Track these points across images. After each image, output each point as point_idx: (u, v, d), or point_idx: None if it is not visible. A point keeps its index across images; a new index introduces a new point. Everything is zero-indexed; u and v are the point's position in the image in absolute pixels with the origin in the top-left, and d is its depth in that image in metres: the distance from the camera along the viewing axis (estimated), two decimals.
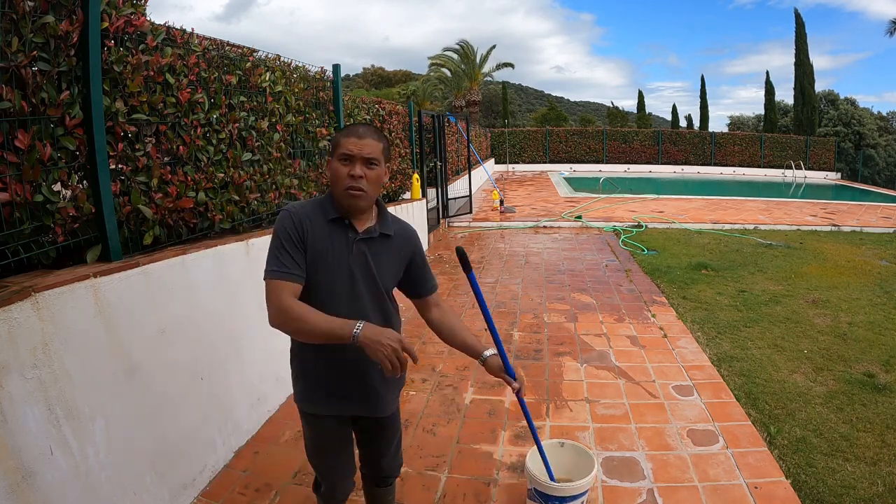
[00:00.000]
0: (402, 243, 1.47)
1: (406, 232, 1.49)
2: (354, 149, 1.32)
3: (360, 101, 4.87)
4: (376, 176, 1.35)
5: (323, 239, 1.36)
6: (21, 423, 1.42)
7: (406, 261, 1.49)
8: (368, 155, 1.33)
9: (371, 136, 1.35)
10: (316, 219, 1.37)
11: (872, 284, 5.20)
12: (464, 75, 26.77)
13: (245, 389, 2.56)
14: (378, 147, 1.35)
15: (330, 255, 1.36)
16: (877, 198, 13.88)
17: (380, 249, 1.41)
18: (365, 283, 1.39)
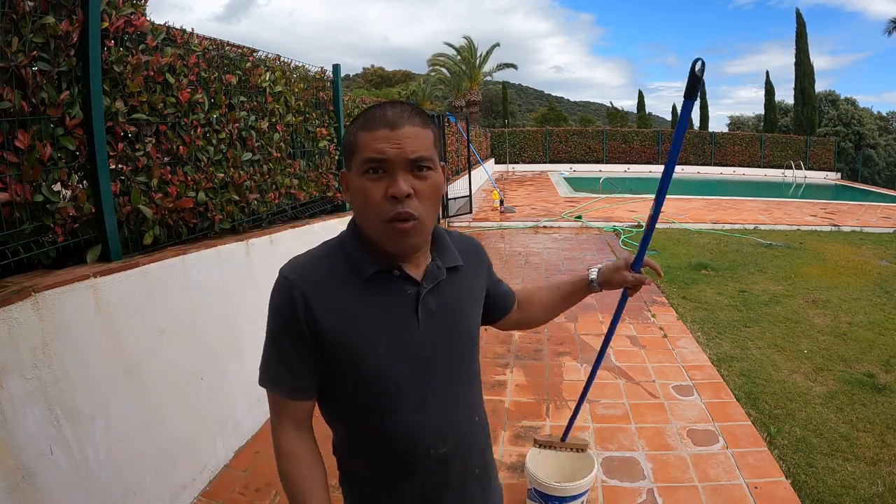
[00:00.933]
0: (474, 266, 0.99)
1: (472, 247, 1.02)
2: (389, 148, 0.76)
3: (360, 101, 4.87)
4: (432, 188, 0.80)
5: (357, 316, 0.83)
6: (21, 423, 1.42)
7: (485, 286, 1.04)
8: (414, 154, 0.77)
9: (412, 121, 0.79)
10: (334, 285, 0.84)
11: (872, 284, 5.20)
12: (464, 75, 26.77)
13: (245, 389, 2.56)
14: (426, 137, 0.80)
15: (377, 339, 0.83)
16: (877, 198, 13.88)
17: (453, 292, 0.91)
18: (444, 354, 0.89)
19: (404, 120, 0.78)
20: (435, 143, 0.83)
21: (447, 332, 0.90)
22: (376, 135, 0.78)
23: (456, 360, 0.92)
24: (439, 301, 0.88)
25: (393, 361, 0.84)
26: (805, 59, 23.49)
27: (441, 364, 0.89)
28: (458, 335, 0.92)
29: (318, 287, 0.84)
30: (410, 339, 0.85)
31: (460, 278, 0.94)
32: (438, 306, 0.88)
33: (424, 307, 0.86)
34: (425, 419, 0.87)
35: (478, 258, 1.02)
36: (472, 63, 26.49)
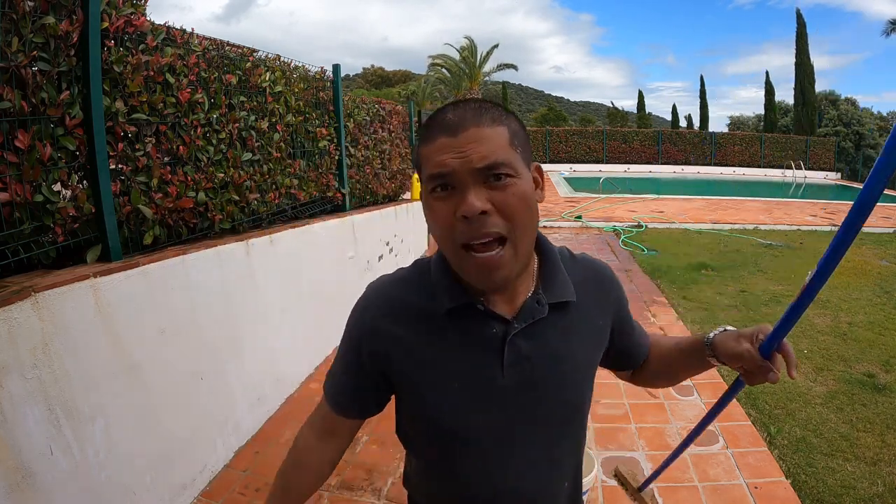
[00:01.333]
0: (597, 302, 0.80)
1: (598, 277, 0.82)
2: (451, 158, 0.63)
3: (360, 100, 4.87)
4: (517, 199, 0.64)
5: (426, 357, 0.74)
6: (21, 423, 1.42)
7: (608, 329, 0.83)
8: (482, 161, 0.63)
9: (477, 120, 0.64)
10: (409, 317, 0.75)
11: (872, 284, 5.20)
12: (464, 75, 26.77)
13: (245, 389, 2.56)
14: (498, 137, 0.64)
15: (447, 385, 0.73)
16: None
17: (558, 334, 0.74)
18: (536, 408, 0.74)
19: (467, 121, 0.64)
20: (514, 143, 0.66)
21: (543, 382, 0.73)
22: (436, 145, 0.65)
23: (553, 417, 0.75)
24: (535, 344, 0.72)
25: (467, 413, 0.72)
26: (805, 59, 23.49)
27: (531, 421, 0.74)
28: (557, 387, 0.74)
29: (392, 316, 0.75)
30: (490, 389, 0.72)
31: (571, 316, 0.75)
32: (533, 350, 0.72)
33: (513, 351, 0.71)
34: (502, 482, 0.75)
35: (603, 291, 0.81)
36: (473, 63, 26.49)
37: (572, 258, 0.81)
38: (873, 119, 24.35)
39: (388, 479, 2.22)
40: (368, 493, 2.14)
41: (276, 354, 2.88)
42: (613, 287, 0.84)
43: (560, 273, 0.75)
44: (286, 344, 2.99)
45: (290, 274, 3.06)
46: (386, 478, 2.23)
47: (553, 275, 0.75)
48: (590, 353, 0.80)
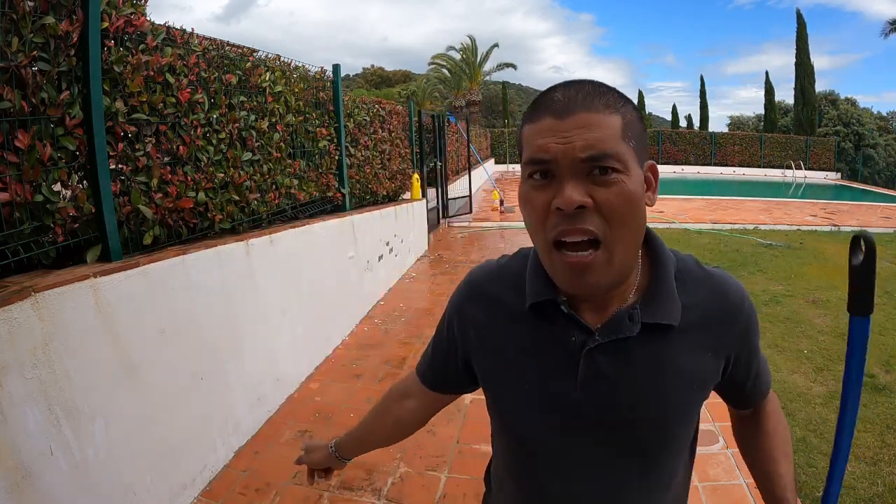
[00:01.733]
0: (713, 334, 0.67)
1: (724, 305, 0.68)
2: (554, 143, 0.57)
3: (360, 100, 4.87)
4: (622, 199, 0.57)
5: (503, 351, 0.71)
6: (21, 423, 1.42)
7: (720, 367, 0.69)
8: (587, 151, 0.56)
9: (588, 104, 0.57)
10: (498, 308, 0.72)
11: None
12: (464, 75, 26.79)
13: (245, 390, 2.56)
14: (611, 125, 0.57)
15: (518, 384, 0.69)
16: (877, 198, 13.89)
17: (649, 361, 0.65)
18: (611, 436, 0.67)
19: (577, 104, 0.57)
20: (627, 134, 0.58)
21: (622, 408, 0.65)
22: (540, 126, 0.58)
23: (630, 450, 0.67)
24: (617, 363, 0.64)
25: (533, 419, 0.69)
26: (805, 58, 23.50)
27: (603, 445, 0.67)
28: (639, 417, 0.65)
29: (478, 301, 0.74)
30: (560, 401, 0.66)
31: (673, 343, 0.64)
32: (614, 370, 0.64)
33: (589, 365, 0.64)
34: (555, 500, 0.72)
35: (726, 323, 0.67)
36: (473, 63, 26.50)
37: (694, 274, 0.68)
38: (873, 119, 24.35)
39: (388, 479, 2.22)
40: (368, 493, 2.14)
41: (276, 354, 2.88)
42: (741, 317, 0.68)
43: (667, 289, 0.64)
44: (286, 344, 2.99)
45: (290, 274, 3.06)
46: (386, 478, 2.23)
47: (658, 290, 0.64)
48: (687, 389, 0.66)
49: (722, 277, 0.70)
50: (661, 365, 0.65)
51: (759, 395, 0.78)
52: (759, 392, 0.78)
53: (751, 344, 0.71)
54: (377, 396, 2.99)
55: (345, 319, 3.95)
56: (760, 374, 0.76)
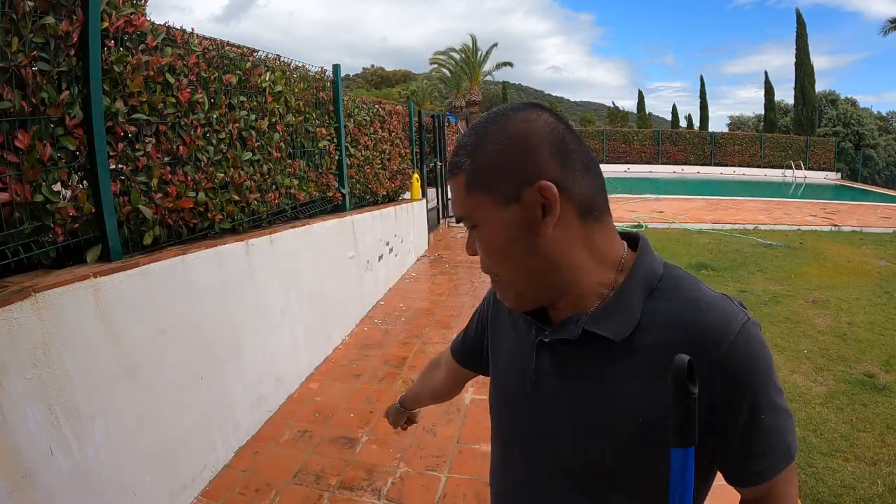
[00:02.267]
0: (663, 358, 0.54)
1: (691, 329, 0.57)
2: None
3: (360, 100, 4.87)
4: (486, 245, 0.62)
5: (503, 329, 0.78)
6: (21, 423, 1.42)
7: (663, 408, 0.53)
8: (457, 213, 0.64)
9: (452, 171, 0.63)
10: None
11: (872, 284, 5.20)
12: (464, 75, 26.80)
13: (245, 389, 2.56)
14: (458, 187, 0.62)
15: (505, 363, 0.75)
16: (877, 198, 13.90)
17: (587, 365, 0.63)
18: (552, 438, 0.66)
19: (451, 170, 0.63)
20: (472, 185, 0.60)
21: (563, 409, 0.64)
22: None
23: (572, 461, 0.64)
24: (559, 367, 0.65)
25: (504, 407, 0.74)
26: (805, 58, 23.49)
27: (551, 446, 0.66)
28: (577, 424, 0.63)
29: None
30: (521, 393, 0.69)
31: (616, 363, 0.60)
32: (556, 369, 0.65)
33: (539, 360, 0.67)
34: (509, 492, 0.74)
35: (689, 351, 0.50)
36: (473, 63, 26.51)
37: (675, 293, 0.60)
38: (873, 119, 24.34)
39: (388, 479, 2.22)
40: (368, 493, 2.14)
41: (276, 354, 2.88)
42: (717, 354, 0.55)
43: (624, 302, 0.60)
44: (286, 344, 2.99)
45: (290, 274, 3.06)
46: (386, 478, 2.23)
47: (615, 302, 0.61)
48: (626, 419, 0.59)
49: (710, 303, 0.58)
50: (596, 379, 0.61)
51: (758, 475, 0.59)
52: (758, 471, 0.58)
53: (742, 397, 0.56)
54: (377, 396, 3.01)
55: (345, 319, 3.95)
56: (764, 445, 0.57)
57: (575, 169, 0.58)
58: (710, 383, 0.55)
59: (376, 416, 2.73)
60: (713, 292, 0.61)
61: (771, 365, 0.58)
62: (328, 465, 2.33)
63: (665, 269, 0.64)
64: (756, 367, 0.56)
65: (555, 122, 0.60)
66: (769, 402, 0.57)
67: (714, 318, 0.57)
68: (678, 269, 0.65)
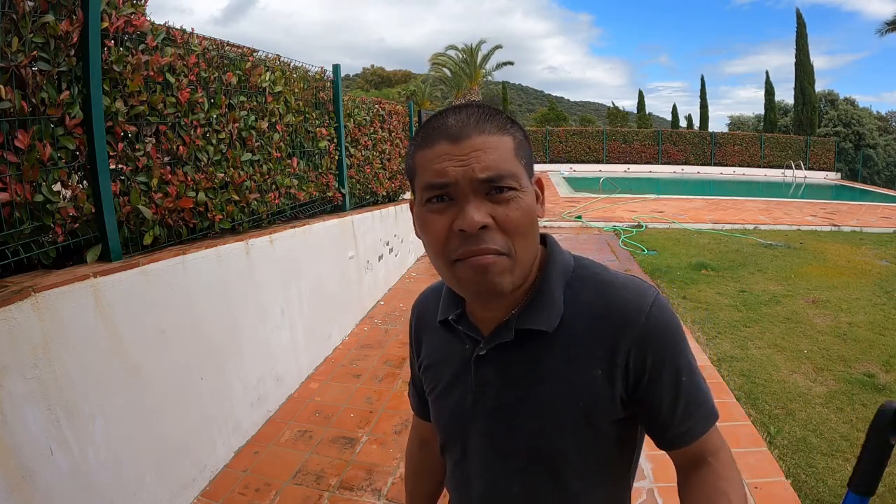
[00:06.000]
0: (593, 343, 0.62)
1: (610, 310, 0.63)
2: (452, 167, 0.58)
3: (359, 100, 4.87)
4: (520, 214, 0.59)
5: (433, 357, 0.76)
6: (21, 422, 1.42)
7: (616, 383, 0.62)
8: (486, 172, 0.57)
9: (481, 127, 0.59)
10: (428, 323, 0.77)
11: (872, 284, 5.20)
12: (464, 75, 26.80)
13: (245, 389, 2.56)
14: (504, 146, 0.59)
15: (444, 385, 0.73)
16: (877, 198, 13.89)
17: (525, 366, 0.65)
18: (503, 448, 0.68)
19: (470, 127, 0.58)
20: (519, 153, 0.60)
21: (510, 417, 0.66)
22: (435, 151, 0.59)
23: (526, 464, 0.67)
24: (498, 371, 0.66)
25: (449, 427, 0.74)
26: (805, 58, 23.48)
27: (502, 456, 0.68)
28: (525, 428, 0.65)
29: (421, 321, 0.80)
30: (463, 409, 0.70)
31: (550, 354, 0.63)
32: (496, 378, 0.66)
33: (477, 373, 0.67)
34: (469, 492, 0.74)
35: (616, 335, 0.61)
36: (473, 63, 26.52)
37: (591, 280, 0.65)
38: (872, 119, 24.34)
39: (388, 479, 2.22)
40: (368, 493, 2.14)
41: (276, 354, 2.88)
42: (638, 327, 0.61)
43: (546, 295, 0.64)
44: (286, 344, 2.99)
45: (290, 274, 3.06)
46: (386, 478, 2.23)
47: (538, 296, 0.64)
48: (569, 404, 0.63)
49: (623, 283, 0.65)
50: (537, 373, 0.64)
51: (687, 434, 0.64)
52: (687, 430, 0.64)
53: (664, 363, 0.61)
54: (377, 396, 3.01)
55: (345, 319, 3.95)
56: (689, 405, 0.63)
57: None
58: (638, 354, 0.61)
59: (376, 416, 2.73)
60: (623, 274, 0.67)
61: (683, 331, 0.64)
62: (328, 465, 2.33)
63: (575, 260, 0.69)
64: (674, 334, 0.63)
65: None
66: (687, 365, 0.63)
67: (630, 294, 0.63)
68: (585, 259, 0.70)
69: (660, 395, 0.62)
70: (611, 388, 0.62)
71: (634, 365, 0.61)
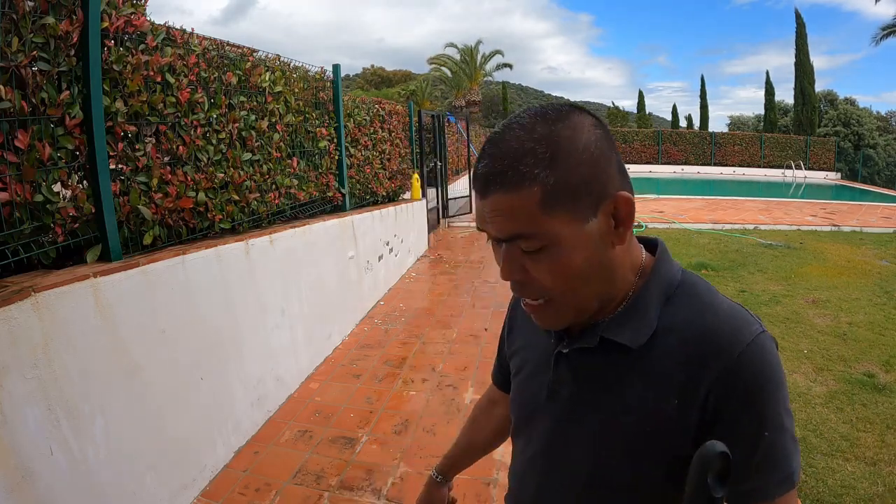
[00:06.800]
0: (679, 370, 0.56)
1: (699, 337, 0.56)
2: (483, 222, 0.57)
3: (359, 100, 4.87)
4: (555, 267, 0.56)
5: (523, 340, 0.77)
6: (21, 422, 1.42)
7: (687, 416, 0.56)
8: (505, 234, 0.55)
9: (497, 184, 0.54)
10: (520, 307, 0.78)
11: (872, 284, 5.20)
12: (464, 75, 26.82)
13: (245, 389, 2.56)
14: (522, 202, 0.53)
15: (524, 374, 0.74)
16: (877, 198, 13.89)
17: (605, 375, 0.62)
18: (566, 450, 0.66)
19: (491, 182, 0.54)
20: (551, 201, 0.52)
21: (580, 421, 0.64)
22: (474, 196, 0.58)
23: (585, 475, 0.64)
24: (575, 374, 0.64)
25: (522, 414, 0.73)
26: (805, 58, 23.49)
27: (564, 459, 0.66)
28: (592, 436, 0.63)
29: (518, 307, 0.79)
30: (538, 401, 0.69)
31: (630, 370, 0.59)
32: (572, 379, 0.64)
33: (557, 368, 0.66)
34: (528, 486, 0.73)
35: (702, 363, 0.55)
36: (473, 63, 26.53)
37: (692, 299, 0.60)
38: (872, 119, 24.34)
39: (388, 479, 2.22)
40: (368, 493, 2.14)
41: (277, 354, 2.88)
42: (728, 362, 0.54)
43: (640, 308, 0.60)
44: (286, 344, 2.99)
45: (290, 274, 3.06)
46: (386, 478, 2.23)
47: (631, 309, 0.60)
48: (634, 426, 0.58)
49: (727, 310, 0.57)
50: (612, 388, 0.61)
51: (755, 493, 0.54)
52: (754, 489, 0.54)
53: (748, 409, 0.54)
54: (377, 396, 3.00)
55: (345, 319, 3.95)
56: (765, 463, 0.54)
57: (626, 176, 0.60)
58: (722, 392, 0.54)
59: (376, 416, 2.73)
60: (729, 301, 0.60)
61: (783, 383, 0.56)
62: (328, 465, 2.33)
63: (682, 275, 0.63)
64: (767, 381, 0.55)
65: (606, 129, 0.60)
66: (776, 419, 0.55)
67: (731, 324, 0.56)
68: (695, 275, 0.64)
69: (734, 443, 0.49)
70: (684, 421, 0.56)
71: (715, 403, 0.54)
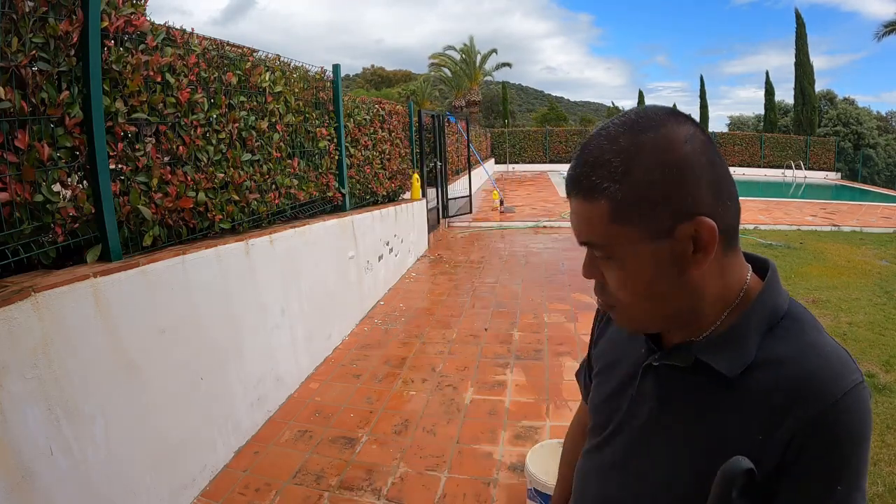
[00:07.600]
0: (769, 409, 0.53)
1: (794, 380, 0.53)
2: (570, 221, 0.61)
3: (360, 100, 4.87)
4: (622, 277, 0.57)
5: (612, 345, 0.74)
6: (21, 423, 1.42)
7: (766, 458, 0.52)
8: (581, 237, 0.58)
9: (578, 188, 0.56)
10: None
11: (872, 284, 5.20)
12: (464, 75, 26.82)
13: (245, 389, 2.56)
14: (595, 212, 0.55)
15: (609, 380, 0.71)
16: (877, 198, 13.89)
17: (695, 397, 0.59)
18: (642, 469, 0.63)
19: (575, 184, 0.56)
20: (620, 215, 0.53)
21: (658, 441, 0.61)
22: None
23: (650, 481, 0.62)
24: (661, 392, 0.61)
25: (599, 422, 0.70)
26: (805, 58, 23.48)
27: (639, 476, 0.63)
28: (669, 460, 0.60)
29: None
30: (618, 410, 0.67)
31: (724, 400, 0.56)
32: (658, 397, 0.62)
33: (643, 380, 0.64)
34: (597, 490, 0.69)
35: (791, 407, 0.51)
36: (473, 63, 26.54)
37: (796, 335, 0.56)
38: (872, 119, 24.34)
39: (389, 479, 2.22)
40: (368, 493, 2.14)
41: (276, 354, 2.88)
42: (816, 409, 0.51)
43: (739, 336, 0.56)
44: (286, 344, 2.99)
45: (290, 274, 3.06)
46: (386, 478, 2.23)
47: (729, 334, 0.57)
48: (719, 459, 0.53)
49: (829, 354, 0.54)
50: (696, 413, 0.58)
51: None
52: None
53: (824, 464, 0.51)
54: (377, 396, 3.00)
55: (345, 319, 3.95)
56: None
57: (725, 199, 0.55)
58: (803, 439, 0.51)
59: (376, 416, 2.73)
60: (833, 342, 0.56)
61: (868, 439, 0.53)
62: (328, 465, 2.33)
63: (790, 305, 0.59)
64: (853, 435, 0.51)
65: (706, 142, 0.55)
66: (852, 475, 0.52)
67: (830, 370, 0.53)
68: (801, 307, 0.60)
69: (806, 489, 0.51)
70: (762, 458, 0.52)
71: (799, 446, 0.51)
